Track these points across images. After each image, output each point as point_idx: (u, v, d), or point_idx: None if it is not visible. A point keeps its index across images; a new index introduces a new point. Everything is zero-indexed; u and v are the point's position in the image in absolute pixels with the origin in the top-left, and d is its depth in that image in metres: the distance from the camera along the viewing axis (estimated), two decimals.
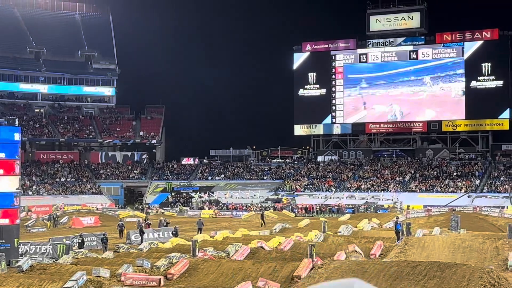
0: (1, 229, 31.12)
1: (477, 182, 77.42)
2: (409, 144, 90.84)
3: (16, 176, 31.63)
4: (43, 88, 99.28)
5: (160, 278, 25.45)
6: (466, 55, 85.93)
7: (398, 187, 79.50)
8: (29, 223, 54.32)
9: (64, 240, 36.82)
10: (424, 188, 78.27)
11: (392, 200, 72.41)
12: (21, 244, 33.17)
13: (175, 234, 42.10)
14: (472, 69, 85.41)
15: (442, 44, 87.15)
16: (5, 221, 31.21)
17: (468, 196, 73.25)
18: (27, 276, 26.46)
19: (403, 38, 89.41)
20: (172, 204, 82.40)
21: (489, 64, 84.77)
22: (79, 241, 37.49)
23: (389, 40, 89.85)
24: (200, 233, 44.22)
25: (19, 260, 29.51)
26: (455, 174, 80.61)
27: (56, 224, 56.03)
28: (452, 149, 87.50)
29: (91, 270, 26.13)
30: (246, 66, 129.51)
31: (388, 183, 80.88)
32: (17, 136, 31.59)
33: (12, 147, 31.54)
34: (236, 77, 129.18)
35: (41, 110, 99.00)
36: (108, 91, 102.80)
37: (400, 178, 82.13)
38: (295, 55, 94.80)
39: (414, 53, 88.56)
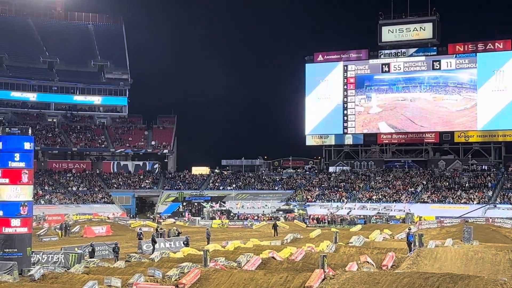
0: (13, 238, 31.24)
1: (490, 193, 76.96)
2: (421, 155, 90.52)
3: (22, 185, 31.52)
4: (55, 98, 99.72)
5: None
6: (479, 66, 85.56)
7: (410, 198, 79.17)
8: (41, 232, 54.46)
9: (76, 249, 36.90)
10: (436, 199, 77.90)
11: (404, 211, 72.05)
12: (33, 253, 33.29)
13: (186, 244, 42.17)
14: (484, 80, 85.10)
15: (455, 54, 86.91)
16: (10, 230, 31.29)
17: (481, 208, 72.77)
18: (39, 285, 26.54)
19: (415, 49, 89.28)
20: (182, 213, 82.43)
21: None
22: (89, 250, 37.56)
23: (401, 51, 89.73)
24: (208, 243, 44.37)
25: (31, 269, 29.59)
26: (467, 185, 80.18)
27: (68, 233, 56.18)
28: (464, 160, 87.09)
29: (103, 279, 26.17)
30: (258, 76, 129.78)
31: (400, 194, 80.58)
32: (27, 145, 31.60)
33: (21, 156, 31.53)
34: (248, 87, 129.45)
35: (54, 120, 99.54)
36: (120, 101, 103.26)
37: (412, 189, 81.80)
38: (307, 65, 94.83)
39: (426, 64, 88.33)
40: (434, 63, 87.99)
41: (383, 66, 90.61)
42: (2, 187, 31.41)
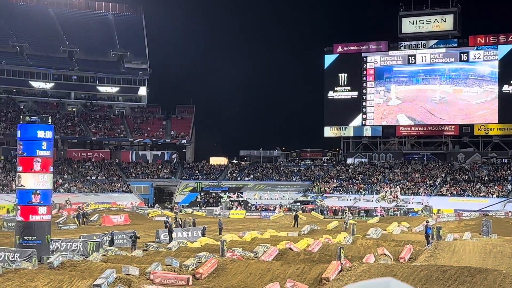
0: (33, 226, 31.56)
1: (510, 187, 76.34)
2: (440, 148, 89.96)
3: (36, 174, 31.80)
4: (76, 87, 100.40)
5: (188, 277, 25.56)
6: (500, 58, 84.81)
7: (428, 190, 78.76)
8: (60, 220, 54.91)
9: (94, 237, 37.18)
10: (455, 192, 77.43)
11: (422, 204, 71.72)
12: (52, 241, 33.58)
13: (203, 234, 42.36)
14: (505, 72, 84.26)
15: (476, 47, 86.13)
16: (20, 218, 31.63)
17: (500, 201, 72.25)
18: (58, 272, 26.76)
19: (435, 41, 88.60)
20: (200, 204, 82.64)
21: None
22: (109, 239, 37.82)
23: (421, 43, 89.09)
24: (220, 233, 44.64)
25: (50, 257, 29.86)
26: (486, 178, 79.61)
27: (86, 222, 56.59)
28: (484, 153, 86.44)
29: (121, 268, 26.35)
30: (277, 67, 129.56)
31: (419, 187, 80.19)
32: (40, 134, 31.81)
33: (32, 145, 31.81)
34: (267, 77, 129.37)
35: (73, 109, 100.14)
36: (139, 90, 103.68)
37: (431, 181, 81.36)
38: (326, 56, 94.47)
39: (447, 56, 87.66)
40: (455, 55, 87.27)
41: (403, 57, 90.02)
42: (17, 175, 32.02)
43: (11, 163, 79.81)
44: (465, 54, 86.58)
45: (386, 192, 75.75)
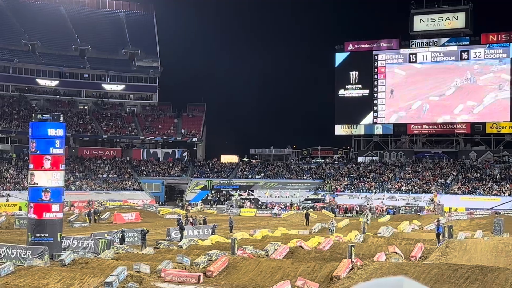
0: (44, 223, 31.71)
1: None
2: (451, 146, 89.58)
3: (47, 171, 31.95)
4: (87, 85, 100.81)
5: (199, 275, 25.60)
6: None
7: (440, 189, 78.49)
8: (71, 218, 55.14)
9: (106, 235, 37.30)
10: (466, 190, 77.12)
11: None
12: (64, 239, 33.73)
13: (213, 232, 42.45)
14: None
15: (488, 44, 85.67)
16: (34, 216, 31.79)
17: None
18: (70, 270, 26.88)
19: (447, 39, 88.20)
20: (211, 202, 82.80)
21: None
22: (120, 236, 37.94)
23: (433, 40, 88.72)
24: (231, 231, 44.69)
25: (62, 254, 29.99)
26: (498, 176, 79.24)
27: (97, 220, 56.78)
28: (496, 152, 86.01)
29: (132, 265, 26.43)
30: (287, 65, 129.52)
31: (430, 185, 79.94)
32: (51, 132, 31.94)
33: (45, 143, 31.95)
34: (278, 76, 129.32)
35: (85, 107, 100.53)
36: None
37: (442, 180, 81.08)
38: (337, 54, 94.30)
39: (459, 53, 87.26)
40: (467, 52, 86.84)
41: (414, 55, 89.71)
42: (29, 173, 32.22)
43: (23, 161, 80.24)
44: (478, 52, 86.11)
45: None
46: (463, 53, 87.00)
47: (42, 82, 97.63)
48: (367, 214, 44.90)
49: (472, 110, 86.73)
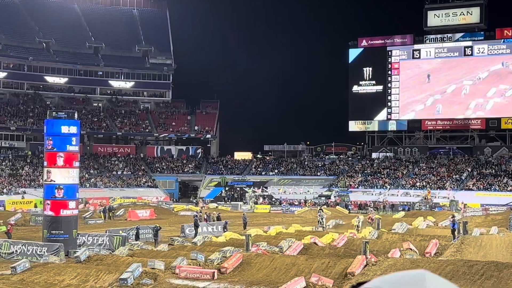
0: (59, 220, 31.91)
1: None
2: (466, 142, 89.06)
3: (62, 168, 32.12)
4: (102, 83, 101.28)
5: (214, 272, 25.65)
6: None
7: (454, 185, 78.13)
8: (86, 215, 55.44)
9: (120, 232, 37.48)
10: (481, 186, 76.71)
11: (448, 198, 71.13)
12: (79, 235, 33.93)
13: (224, 228, 42.54)
14: None
15: (502, 39, 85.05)
16: (50, 213, 32.01)
17: None
18: (85, 266, 27.04)
19: (461, 34, 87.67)
20: (225, 198, 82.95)
21: None
22: (134, 233, 38.10)
23: (447, 36, 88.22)
24: (245, 227, 44.73)
25: (77, 251, 30.17)
26: None
27: (112, 217, 57.08)
28: (511, 147, 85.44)
29: (147, 262, 26.53)
30: (301, 62, 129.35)
31: (444, 181, 79.58)
32: (64, 129, 32.10)
33: (59, 140, 32.12)
34: (291, 72, 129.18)
35: (99, 104, 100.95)
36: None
37: (457, 176, 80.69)
38: (351, 50, 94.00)
39: (473, 49, 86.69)
40: (481, 47, 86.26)
41: (429, 51, 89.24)
42: (45, 170, 32.43)
43: (39, 158, 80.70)
44: (492, 47, 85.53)
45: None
46: (475, 48, 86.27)
47: (56, 80, 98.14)
48: (359, 219, 44.49)
49: (487, 104, 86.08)
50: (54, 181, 31.87)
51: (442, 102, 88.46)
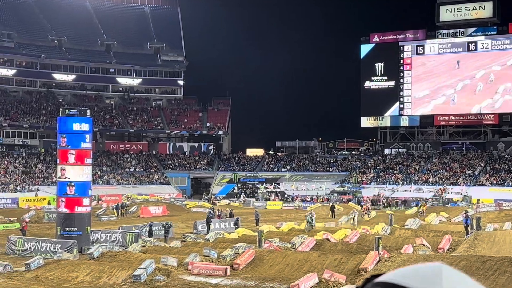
0: (73, 217, 32.08)
1: None
2: (479, 137, 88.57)
3: (74, 166, 32.26)
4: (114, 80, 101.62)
5: (226, 268, 25.70)
6: None
7: (467, 180, 77.78)
8: (99, 212, 55.68)
9: (133, 228, 37.62)
10: (495, 181, 76.30)
11: (461, 194, 70.84)
12: (92, 232, 34.09)
13: (236, 224, 42.60)
14: None
15: None
16: (64, 210, 32.20)
17: None
18: (98, 263, 27.18)
19: (474, 29, 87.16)
20: (236, 195, 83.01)
21: None
22: (147, 230, 38.25)
23: (459, 31, 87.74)
24: (257, 224, 44.76)
25: (91, 248, 30.32)
26: None
27: (125, 213, 57.29)
28: None
29: (159, 258, 26.62)
30: (313, 58, 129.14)
31: (457, 176, 79.24)
32: (75, 127, 32.23)
33: (71, 137, 32.26)
34: (303, 68, 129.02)
35: (111, 102, 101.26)
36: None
37: (470, 171, 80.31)
38: (362, 46, 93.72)
39: (486, 43, 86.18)
40: (494, 42, 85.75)
41: (441, 46, 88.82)
42: (59, 167, 32.63)
43: (52, 156, 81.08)
44: (505, 42, 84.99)
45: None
46: (489, 42, 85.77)
47: (69, 77, 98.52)
48: (354, 213, 44.33)
49: (500, 99, 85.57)
50: (69, 178, 32.04)
51: (458, 94, 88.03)
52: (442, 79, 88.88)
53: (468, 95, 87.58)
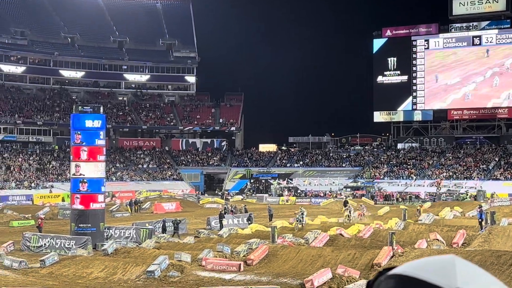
0: (87, 214, 32.26)
1: None
2: (493, 131, 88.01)
3: (82, 162, 32.39)
4: (128, 77, 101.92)
5: (240, 264, 25.74)
6: None
7: (481, 175, 77.37)
8: (113, 208, 55.92)
9: (147, 225, 37.76)
10: (509, 176, 75.82)
11: (475, 188, 70.47)
12: (106, 228, 34.25)
13: (248, 220, 42.63)
14: None
15: None
16: (79, 207, 32.37)
17: None
18: (112, 259, 27.30)
19: (487, 22, 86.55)
20: (250, 191, 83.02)
21: None
22: (161, 226, 38.38)
23: (472, 24, 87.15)
24: (271, 219, 44.73)
25: (105, 244, 30.48)
26: None
27: (138, 210, 57.49)
28: None
29: (173, 254, 26.70)
30: (325, 52, 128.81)
31: (471, 171, 78.83)
32: (88, 123, 32.33)
33: (86, 134, 32.40)
34: (315, 63, 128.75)
35: (124, 98, 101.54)
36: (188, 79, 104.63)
37: (484, 165, 79.87)
38: (375, 40, 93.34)
39: (499, 37, 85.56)
40: (508, 35, 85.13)
41: (454, 40, 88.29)
42: (74, 164, 32.81)
43: (65, 153, 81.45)
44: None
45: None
46: (503, 36, 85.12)
47: (82, 74, 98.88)
48: (350, 208, 42.99)
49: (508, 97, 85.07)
50: (84, 175, 32.20)
51: (471, 92, 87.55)
52: (457, 72, 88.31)
53: (484, 89, 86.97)
